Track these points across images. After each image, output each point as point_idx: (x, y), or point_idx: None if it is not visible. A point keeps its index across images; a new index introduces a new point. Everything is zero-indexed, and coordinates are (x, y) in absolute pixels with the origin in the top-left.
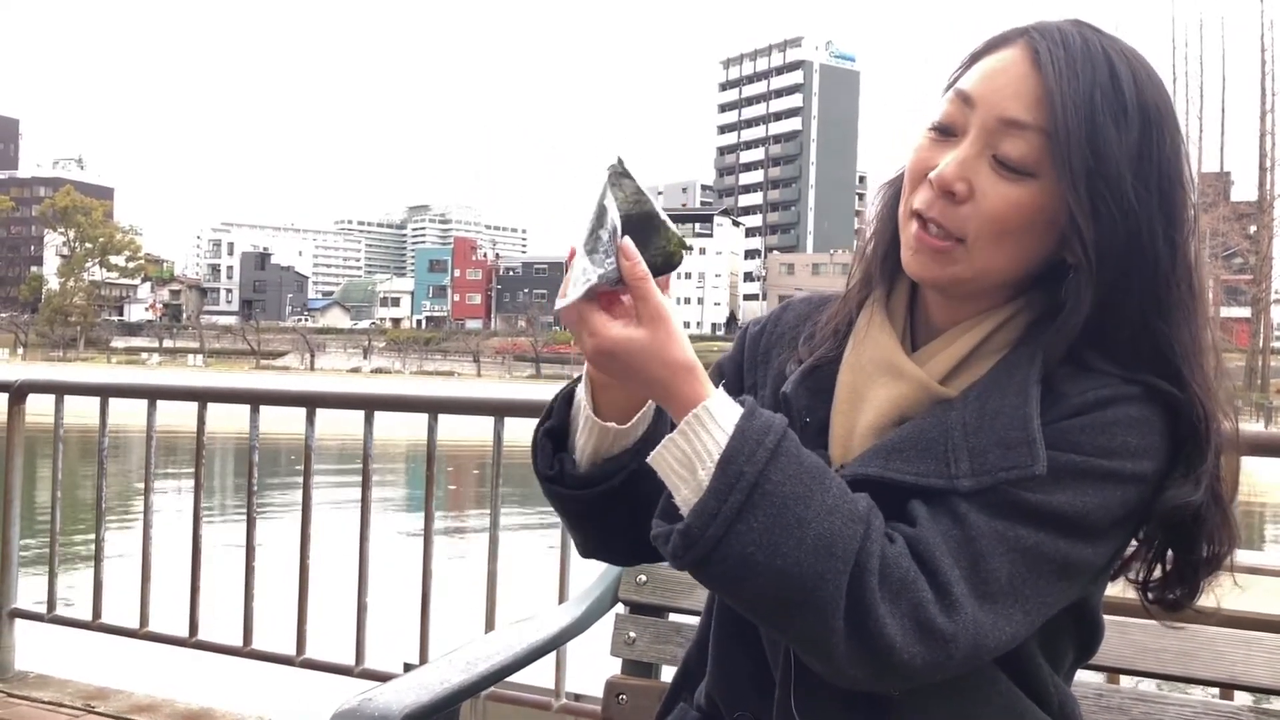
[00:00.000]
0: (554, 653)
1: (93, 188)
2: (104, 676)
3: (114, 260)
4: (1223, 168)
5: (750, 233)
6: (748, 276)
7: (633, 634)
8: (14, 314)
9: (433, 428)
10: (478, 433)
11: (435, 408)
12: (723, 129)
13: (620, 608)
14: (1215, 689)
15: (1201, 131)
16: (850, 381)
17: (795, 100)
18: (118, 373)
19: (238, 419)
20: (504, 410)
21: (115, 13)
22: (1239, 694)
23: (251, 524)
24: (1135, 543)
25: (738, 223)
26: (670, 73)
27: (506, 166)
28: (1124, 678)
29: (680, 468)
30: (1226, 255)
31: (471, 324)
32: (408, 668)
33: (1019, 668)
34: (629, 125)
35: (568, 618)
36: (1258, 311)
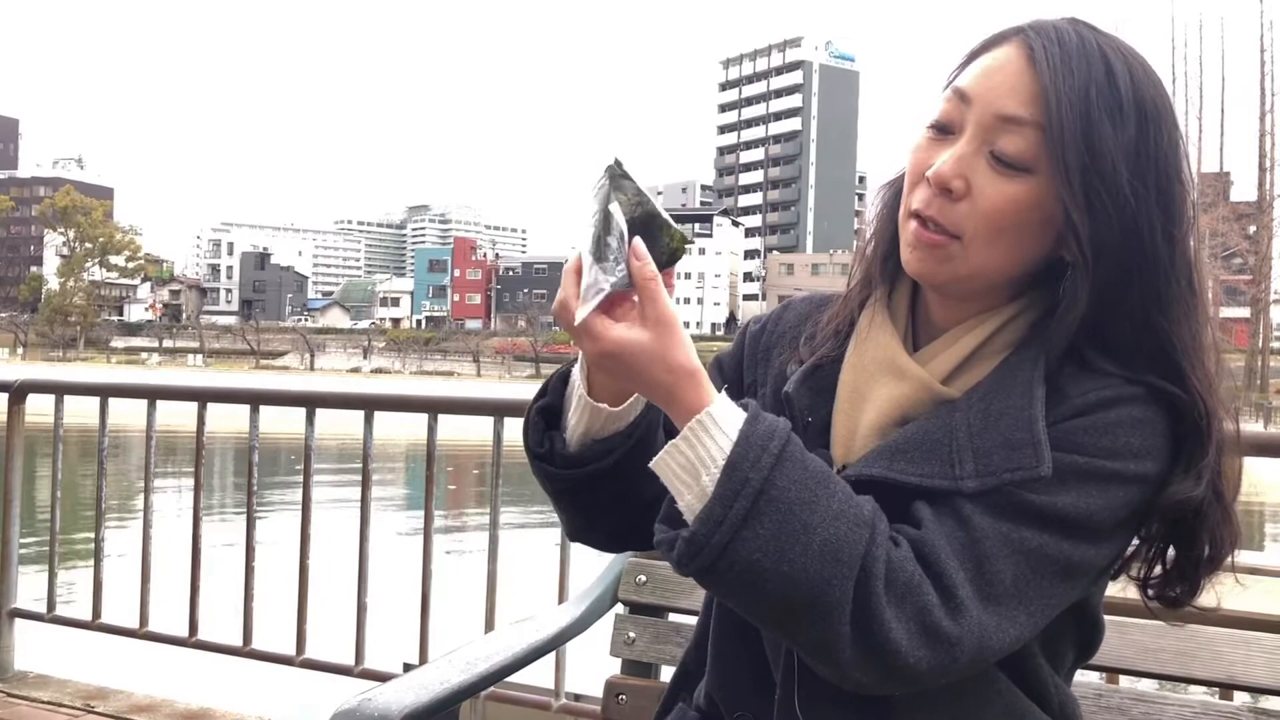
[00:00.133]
0: (554, 653)
1: (93, 188)
2: (104, 676)
3: (114, 260)
4: (1222, 168)
5: (750, 233)
6: (747, 276)
7: (632, 634)
8: (14, 314)
9: (432, 428)
10: (477, 433)
11: (435, 408)
12: (722, 129)
13: (620, 608)
14: (1214, 689)
15: (1201, 131)
16: (852, 381)
17: (795, 100)
18: (117, 373)
19: (237, 419)
20: (504, 410)
21: (115, 12)
22: (1238, 694)
23: (251, 524)
24: (1137, 541)
25: (737, 223)
26: (670, 73)
27: (506, 166)
28: (1123, 678)
29: (684, 473)
30: (1226, 255)
31: (471, 324)
32: (407, 668)
33: (1019, 668)
34: (629, 125)
35: (567, 618)
36: (1257, 312)
